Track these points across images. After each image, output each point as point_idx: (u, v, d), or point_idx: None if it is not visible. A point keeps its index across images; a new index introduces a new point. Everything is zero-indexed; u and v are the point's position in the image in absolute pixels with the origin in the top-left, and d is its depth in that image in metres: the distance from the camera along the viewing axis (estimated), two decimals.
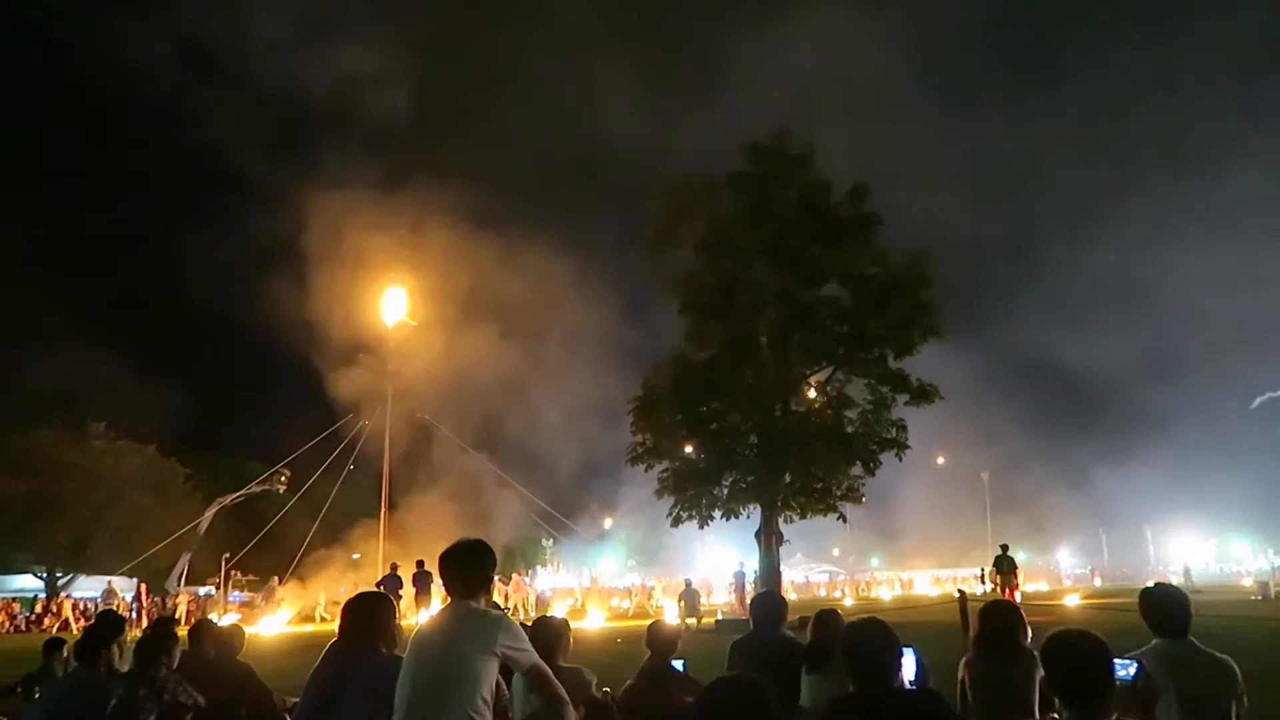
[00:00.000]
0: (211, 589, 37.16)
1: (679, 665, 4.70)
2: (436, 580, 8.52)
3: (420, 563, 22.86)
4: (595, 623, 23.21)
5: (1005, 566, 22.65)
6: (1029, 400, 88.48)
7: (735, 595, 27.37)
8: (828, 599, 39.12)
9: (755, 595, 7.28)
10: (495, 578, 3.87)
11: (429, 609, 20.71)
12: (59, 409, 39.52)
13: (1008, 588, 22.09)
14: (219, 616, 23.60)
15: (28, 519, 36.85)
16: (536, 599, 32.60)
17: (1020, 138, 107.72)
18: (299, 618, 27.57)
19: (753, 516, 20.32)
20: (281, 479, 40.09)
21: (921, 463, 54.87)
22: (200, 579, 38.32)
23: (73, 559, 39.65)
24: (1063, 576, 57.51)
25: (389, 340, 38.48)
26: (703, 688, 2.58)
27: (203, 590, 36.92)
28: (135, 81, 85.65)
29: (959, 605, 9.23)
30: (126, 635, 5.98)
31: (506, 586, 30.49)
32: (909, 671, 4.14)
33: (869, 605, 29.38)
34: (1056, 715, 3.61)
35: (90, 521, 38.71)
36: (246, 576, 37.40)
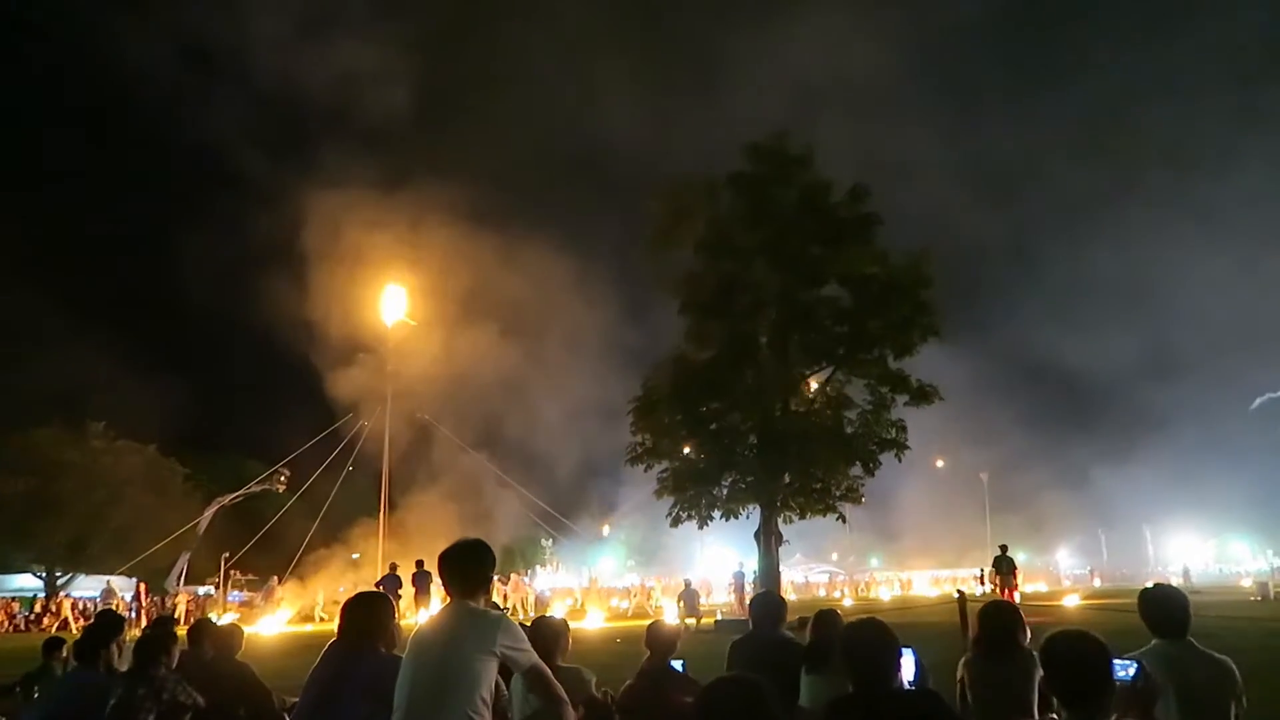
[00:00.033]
0: (211, 589, 37.18)
1: (678, 665, 4.70)
2: (436, 580, 8.52)
3: (420, 562, 22.84)
4: (594, 623, 23.19)
5: (1004, 567, 22.65)
6: (1029, 400, 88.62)
7: (734, 595, 27.36)
8: (827, 599, 39.12)
9: (754, 595, 7.28)
10: (494, 578, 3.86)
11: (428, 609, 20.70)
12: (58, 408, 39.50)
13: (1007, 588, 22.09)
14: (218, 616, 23.60)
15: (27, 518, 36.83)
16: (536, 599, 32.59)
17: (1021, 138, 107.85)
18: (298, 617, 27.56)
19: (752, 517, 20.32)
20: (281, 479, 40.13)
21: (921, 463, 54.93)
22: (200, 578, 38.34)
23: (72, 558, 39.64)
24: (1062, 577, 57.49)
25: (388, 340, 38.49)
26: (702, 688, 2.58)
27: (202, 590, 36.93)
28: (135, 81, 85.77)
29: (958, 606, 9.23)
30: (126, 635, 5.98)
31: (505, 586, 30.48)
32: (908, 672, 4.15)
33: (868, 606, 29.38)
34: (1055, 716, 3.61)
35: (89, 521, 38.68)
36: (246, 576, 37.44)
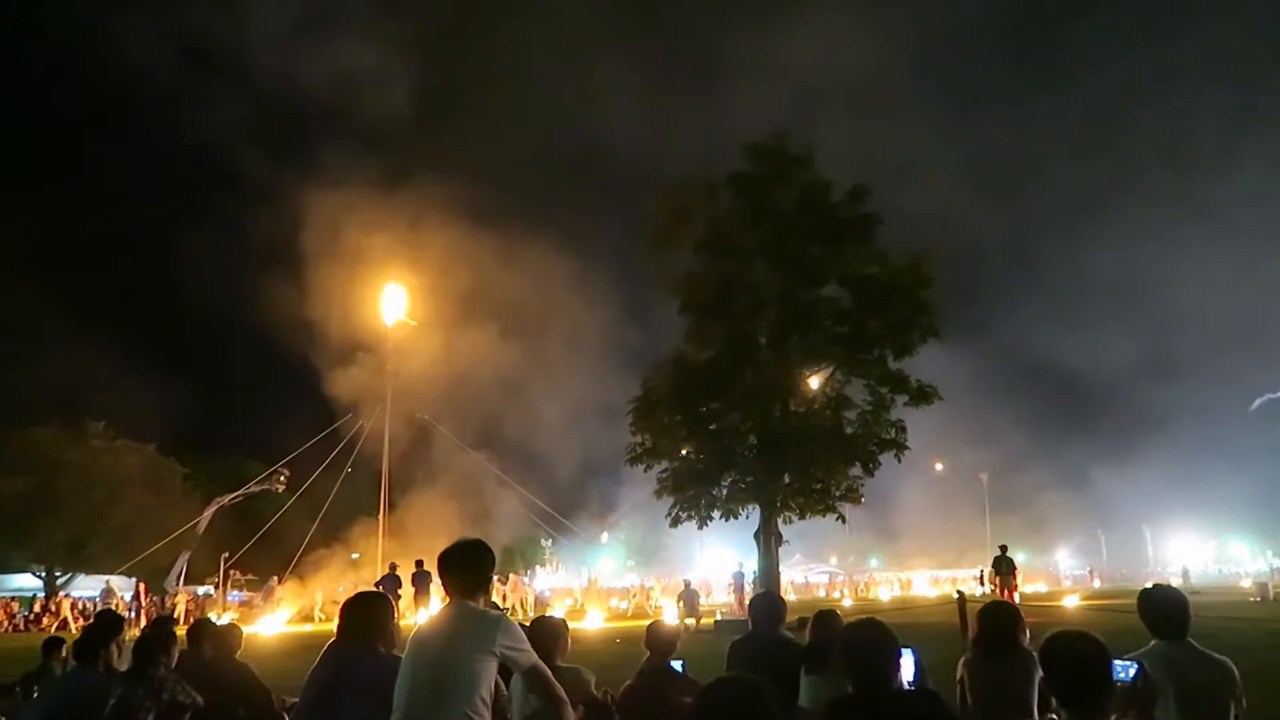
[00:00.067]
0: (210, 588, 37.16)
1: (678, 666, 4.69)
2: (435, 580, 8.52)
3: (419, 562, 22.83)
4: (594, 623, 23.19)
5: (1004, 567, 22.65)
6: (1028, 401, 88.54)
7: (734, 596, 27.35)
8: (827, 600, 39.12)
9: (754, 596, 7.28)
10: (494, 578, 3.86)
11: (428, 609, 20.70)
12: (58, 408, 39.46)
13: (1006, 589, 22.08)
14: (218, 616, 23.61)
15: (26, 518, 36.80)
16: (536, 599, 32.59)
17: (1021, 138, 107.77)
18: (298, 617, 27.56)
19: (752, 517, 20.32)
20: (280, 478, 40.12)
21: (921, 464, 54.92)
22: (199, 578, 38.33)
23: (71, 558, 39.61)
24: (1061, 577, 57.51)
25: (388, 340, 38.49)
26: (701, 688, 2.57)
27: (201, 590, 36.90)
28: (135, 81, 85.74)
29: (958, 606, 9.23)
30: (125, 635, 5.97)
31: (504, 587, 30.48)
32: (907, 672, 4.15)
33: (868, 606, 29.38)
34: (1055, 716, 3.61)
35: (89, 520, 38.66)
36: (245, 576, 37.43)
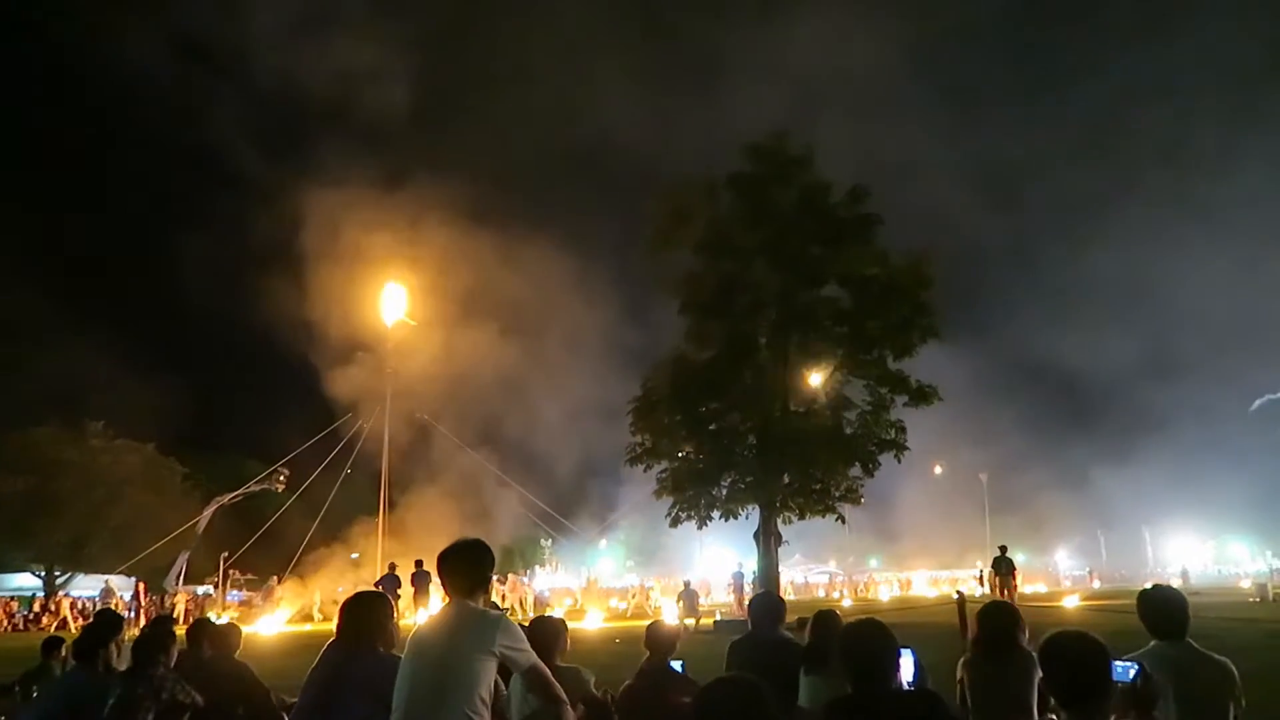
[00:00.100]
0: (210, 588, 37.16)
1: (678, 666, 4.69)
2: (435, 580, 8.52)
3: (419, 562, 22.82)
4: (593, 623, 23.19)
5: (1003, 568, 22.64)
6: (1028, 401, 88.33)
7: (734, 596, 27.36)
8: (826, 600, 39.12)
9: (753, 596, 7.28)
10: (494, 577, 3.86)
11: (427, 609, 20.70)
12: (57, 407, 39.47)
13: (1006, 589, 22.08)
14: (217, 616, 23.61)
15: (26, 517, 36.78)
16: (535, 599, 32.58)
17: (1021, 138, 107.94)
18: (298, 617, 27.55)
19: (751, 517, 20.33)
20: (280, 478, 40.13)
21: (921, 464, 54.94)
22: (199, 578, 38.33)
23: (71, 557, 39.59)
24: (1061, 578, 57.46)
25: (388, 340, 38.48)
26: (701, 688, 2.57)
27: (201, 589, 36.90)
28: (135, 81, 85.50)
29: (957, 606, 9.23)
30: (124, 634, 5.96)
31: (503, 586, 30.49)
32: (907, 672, 4.15)
33: (867, 606, 29.39)
34: (1054, 716, 3.61)
35: (88, 520, 38.65)
36: (245, 575, 37.43)
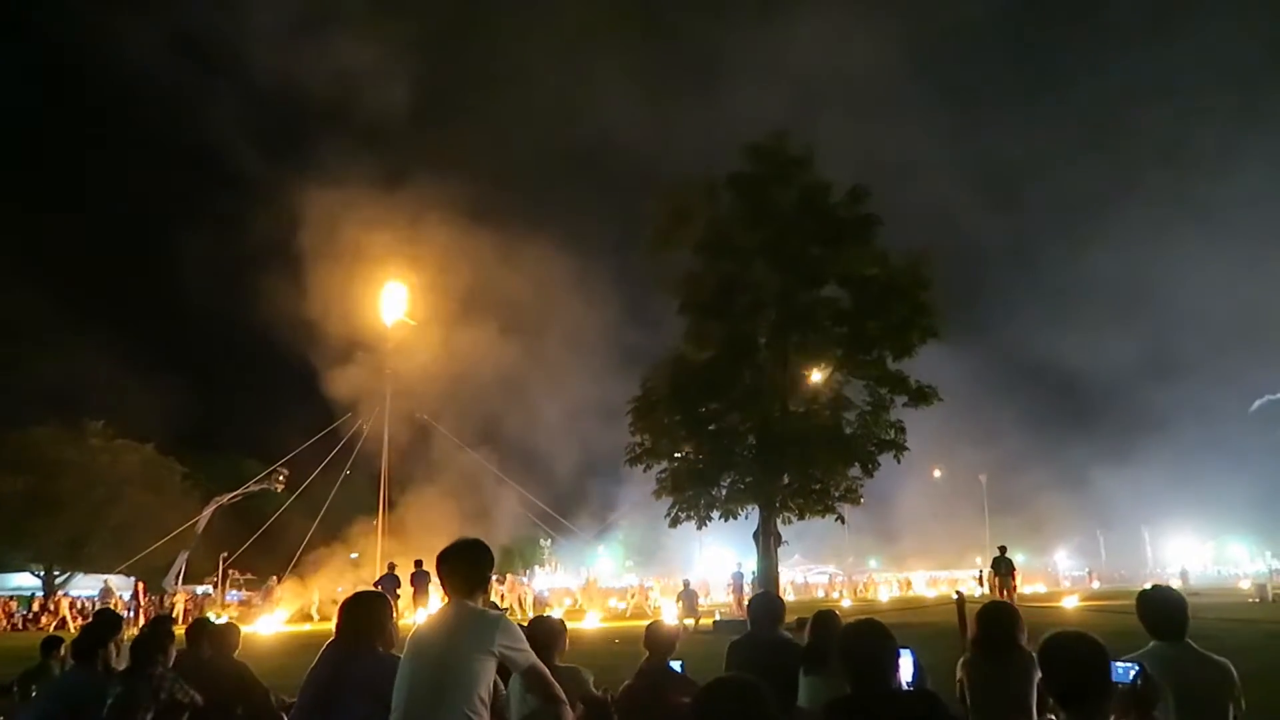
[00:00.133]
0: (209, 588, 37.17)
1: (677, 666, 4.69)
2: (434, 580, 8.52)
3: (418, 562, 22.82)
4: (593, 623, 23.18)
5: (1003, 568, 22.64)
6: (1028, 401, 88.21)
7: (733, 596, 27.35)
8: (825, 600, 39.12)
9: (753, 596, 7.28)
10: (493, 577, 3.86)
11: (427, 608, 20.69)
12: (57, 407, 39.47)
13: (1005, 589, 22.08)
14: (216, 615, 23.59)
15: (25, 517, 36.75)
16: (535, 599, 32.57)
17: (1021, 138, 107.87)
18: (298, 616, 27.54)
19: (751, 517, 20.34)
20: (279, 478, 40.14)
21: (920, 464, 54.91)
22: (198, 577, 38.35)
23: (70, 557, 39.58)
24: (1060, 578, 57.45)
25: (388, 339, 38.50)
26: (700, 689, 2.57)
27: (200, 589, 36.91)
28: (135, 81, 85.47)
29: (956, 607, 9.23)
30: (123, 634, 5.96)
31: (502, 586, 30.49)
32: (906, 673, 4.14)
33: (867, 606, 29.39)
34: (1053, 717, 3.61)
35: (88, 520, 38.63)
36: (244, 575, 37.44)
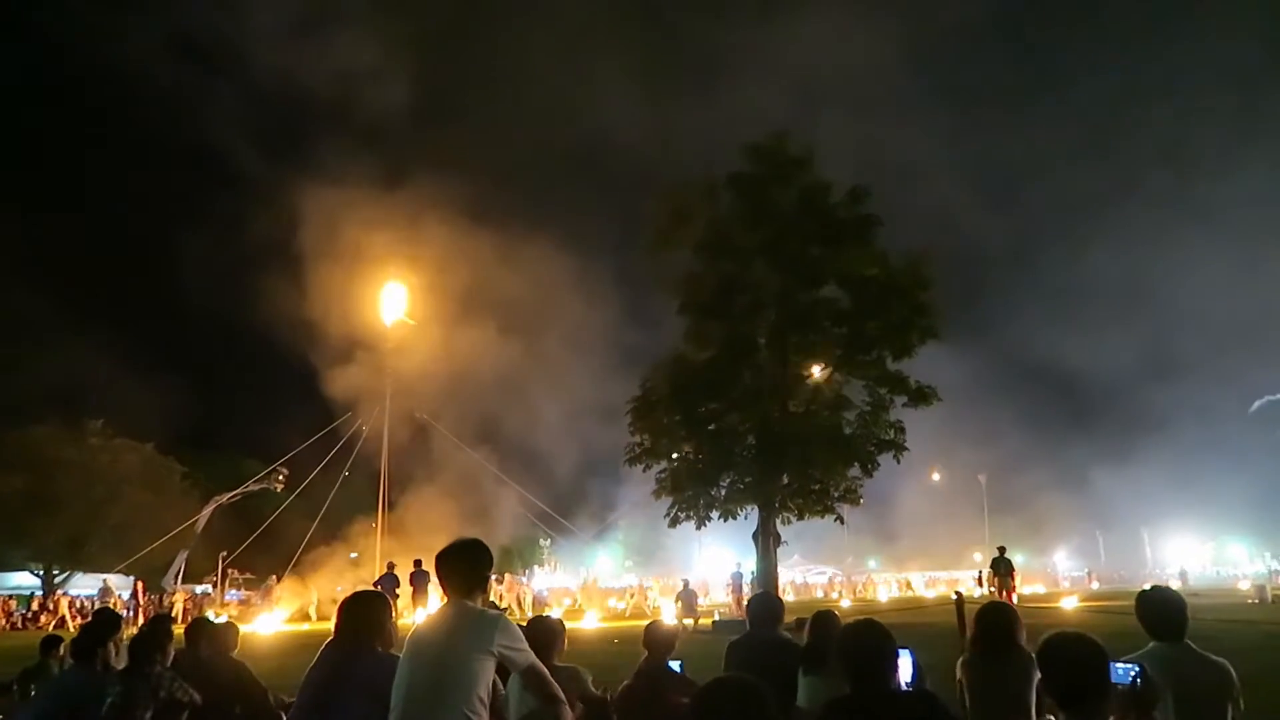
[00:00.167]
0: (209, 587, 37.16)
1: (676, 666, 4.70)
2: (434, 579, 8.52)
3: (418, 562, 22.82)
4: (592, 623, 23.18)
5: (1002, 568, 22.65)
6: (1028, 401, 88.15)
7: (732, 596, 27.35)
8: (825, 600, 39.13)
9: (752, 596, 7.29)
10: (492, 577, 3.86)
11: (426, 608, 20.69)
12: (56, 406, 39.45)
13: (1004, 590, 22.08)
14: (215, 615, 23.58)
15: (24, 516, 36.71)
16: (534, 599, 32.58)
17: (1021, 139, 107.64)
18: (297, 616, 27.53)
19: (750, 517, 20.34)
20: (279, 477, 40.13)
21: (920, 465, 54.93)
22: (197, 577, 38.34)
23: (69, 556, 39.54)
24: (1060, 579, 57.44)
25: (388, 340, 38.50)
26: (699, 689, 2.57)
27: (200, 588, 36.91)
28: (135, 81, 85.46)
29: (955, 607, 9.23)
30: (123, 633, 5.96)
31: (501, 586, 30.49)
32: (905, 673, 4.15)
33: (866, 607, 29.40)
34: (1052, 717, 3.61)
35: (87, 519, 38.59)
36: (244, 574, 37.44)
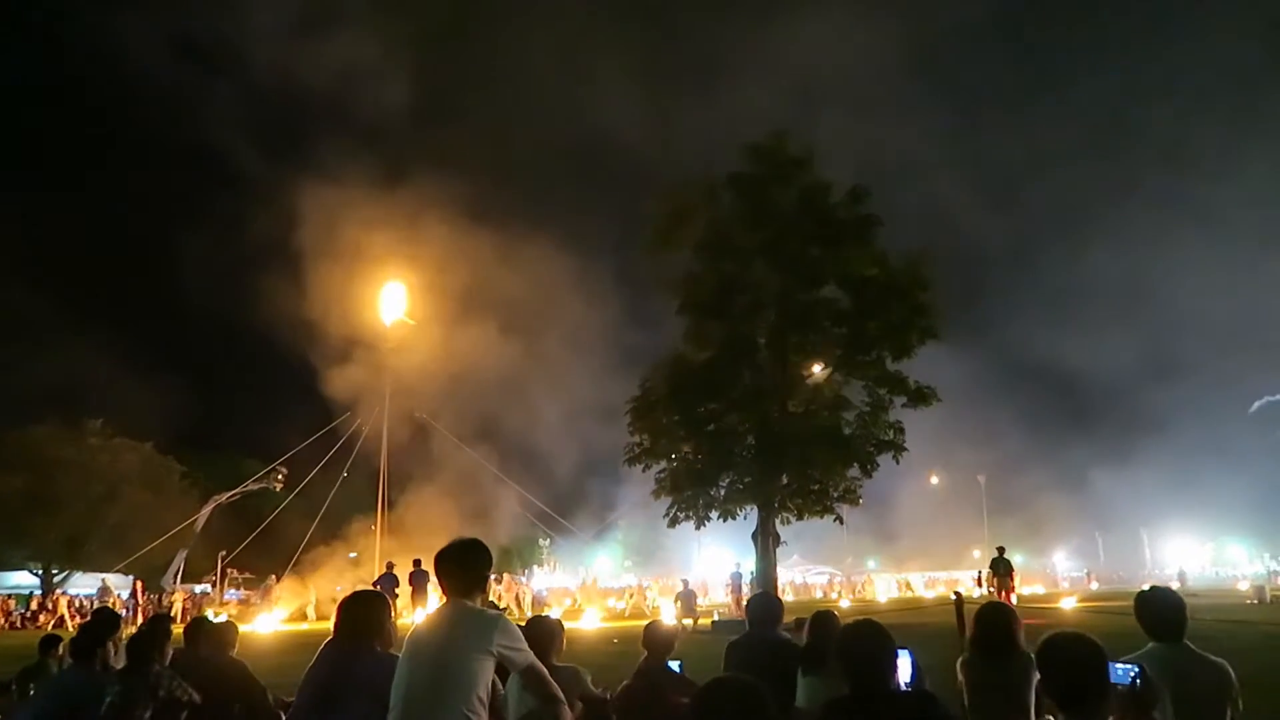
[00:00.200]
0: (208, 586, 37.17)
1: (675, 666, 4.69)
2: (433, 579, 8.51)
3: (417, 561, 22.81)
4: (591, 623, 23.17)
5: (1001, 569, 22.65)
6: (1027, 402, 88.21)
7: (732, 596, 27.35)
8: (824, 600, 39.13)
9: (751, 596, 7.29)
10: (491, 577, 3.87)
11: (425, 608, 20.68)
12: (56, 406, 39.52)
13: (1004, 590, 22.09)
14: (214, 614, 23.58)
15: (23, 515, 36.73)
16: (533, 599, 32.58)
17: (1021, 139, 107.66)
18: (296, 615, 27.53)
19: (750, 518, 20.34)
20: (278, 477, 40.12)
21: (919, 465, 54.93)
22: (196, 576, 38.35)
23: (68, 556, 39.55)
24: (1059, 579, 57.46)
25: (387, 339, 38.48)
26: (698, 689, 2.57)
27: (199, 588, 36.91)
28: (135, 80, 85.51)
29: (955, 607, 9.23)
30: (122, 632, 5.96)
31: (500, 586, 30.49)
32: (904, 673, 4.14)
33: (865, 607, 29.40)
34: (1051, 718, 3.61)
35: (86, 518, 38.61)
36: (243, 574, 37.42)
